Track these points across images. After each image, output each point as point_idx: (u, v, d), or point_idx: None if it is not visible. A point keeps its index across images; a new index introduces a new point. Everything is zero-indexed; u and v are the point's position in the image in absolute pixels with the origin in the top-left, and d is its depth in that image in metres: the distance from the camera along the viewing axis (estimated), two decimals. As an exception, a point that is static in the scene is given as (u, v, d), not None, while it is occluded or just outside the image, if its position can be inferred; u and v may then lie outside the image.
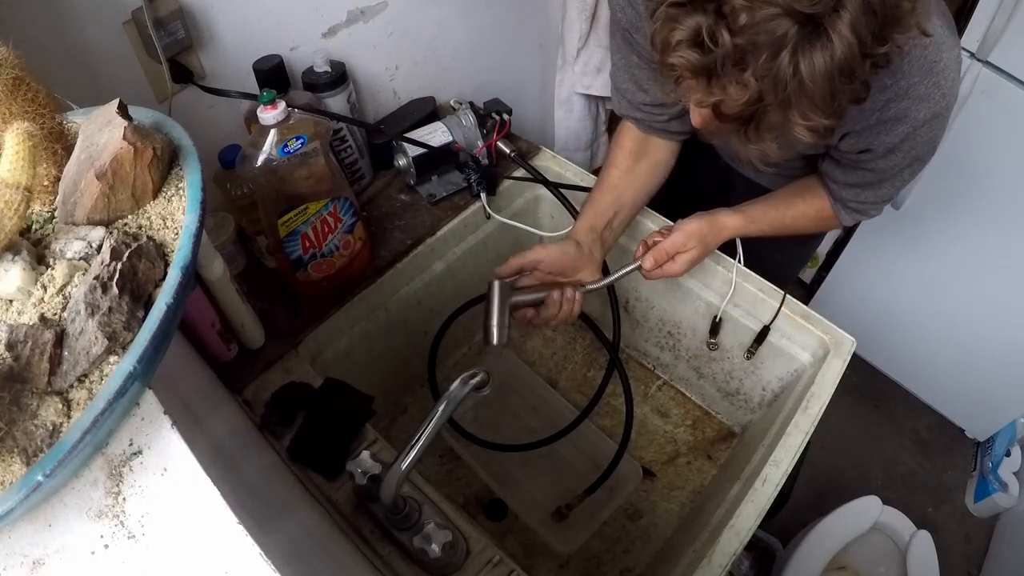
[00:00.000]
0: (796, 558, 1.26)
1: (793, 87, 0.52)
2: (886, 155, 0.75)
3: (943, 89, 0.68)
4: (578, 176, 1.11)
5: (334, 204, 0.87)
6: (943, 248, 1.48)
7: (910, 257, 1.57)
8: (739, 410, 1.12)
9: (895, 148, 0.73)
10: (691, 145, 0.95)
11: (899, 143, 0.72)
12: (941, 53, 0.67)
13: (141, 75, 0.84)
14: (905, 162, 0.76)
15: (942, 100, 0.68)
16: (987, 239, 1.41)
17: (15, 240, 0.47)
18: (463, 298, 1.12)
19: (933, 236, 1.49)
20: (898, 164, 0.76)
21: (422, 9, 1.13)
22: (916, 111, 0.69)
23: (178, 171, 0.54)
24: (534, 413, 1.15)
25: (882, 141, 0.73)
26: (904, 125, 0.70)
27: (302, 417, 0.81)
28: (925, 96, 0.68)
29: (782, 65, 0.51)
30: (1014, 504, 1.55)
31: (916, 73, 0.67)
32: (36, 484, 0.38)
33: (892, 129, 0.71)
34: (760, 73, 0.52)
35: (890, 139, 0.72)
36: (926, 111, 0.69)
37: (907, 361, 1.75)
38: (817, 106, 0.54)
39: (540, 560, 1.01)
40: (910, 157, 0.75)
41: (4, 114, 0.49)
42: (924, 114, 0.69)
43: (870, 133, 0.73)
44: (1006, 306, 1.47)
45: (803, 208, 0.90)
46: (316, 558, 0.53)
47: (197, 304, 0.76)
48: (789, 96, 0.53)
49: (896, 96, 0.68)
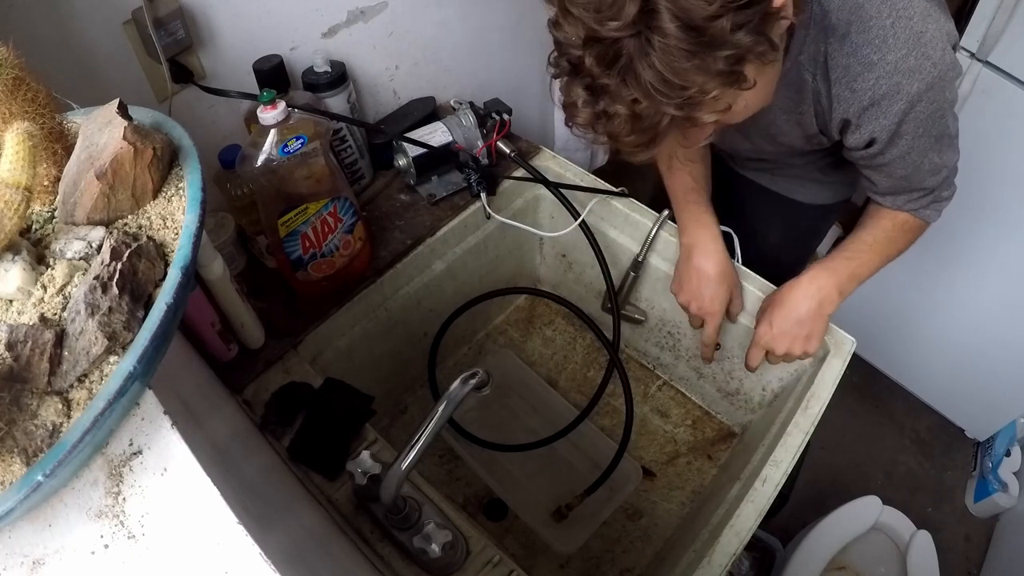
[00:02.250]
0: (796, 558, 1.27)
1: (656, 82, 0.55)
2: (893, 141, 0.74)
3: (932, 59, 0.67)
4: (578, 176, 1.11)
5: (334, 204, 0.87)
6: (943, 248, 1.48)
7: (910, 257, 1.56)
8: (739, 410, 1.12)
9: (898, 131, 0.72)
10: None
11: (899, 124, 0.71)
12: (927, 24, 0.66)
13: (141, 75, 0.84)
14: (920, 145, 0.74)
15: (933, 70, 0.67)
16: (987, 239, 1.41)
17: (15, 240, 0.47)
18: (463, 298, 1.12)
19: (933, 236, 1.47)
20: (914, 148, 0.75)
21: (422, 9, 1.13)
22: (908, 84, 0.68)
23: (178, 171, 0.54)
24: (534, 413, 1.15)
25: (881, 124, 0.72)
26: (899, 102, 0.69)
27: (302, 417, 0.81)
28: (915, 68, 0.67)
29: (638, 74, 0.55)
30: (1014, 504, 1.55)
31: (903, 46, 0.66)
32: (36, 484, 0.38)
33: (888, 108, 0.70)
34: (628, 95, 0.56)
35: (888, 120, 0.71)
36: (919, 83, 0.68)
37: (907, 361, 1.75)
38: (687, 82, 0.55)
39: (540, 560, 1.01)
40: (922, 138, 0.74)
41: (4, 114, 0.49)
42: (917, 87, 0.68)
43: (866, 117, 0.72)
44: (1006, 306, 1.47)
45: (887, 224, 0.87)
46: (316, 558, 0.53)
47: (197, 304, 0.76)
48: (656, 92, 0.56)
49: (885, 72, 0.68)
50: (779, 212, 1.11)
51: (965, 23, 1.23)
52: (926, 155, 0.77)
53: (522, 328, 1.29)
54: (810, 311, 0.85)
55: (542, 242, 1.26)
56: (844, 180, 1.04)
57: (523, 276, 1.29)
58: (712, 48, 0.54)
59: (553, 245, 1.24)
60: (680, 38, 0.52)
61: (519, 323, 1.30)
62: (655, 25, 0.52)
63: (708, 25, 0.53)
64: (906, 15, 0.66)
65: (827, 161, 0.98)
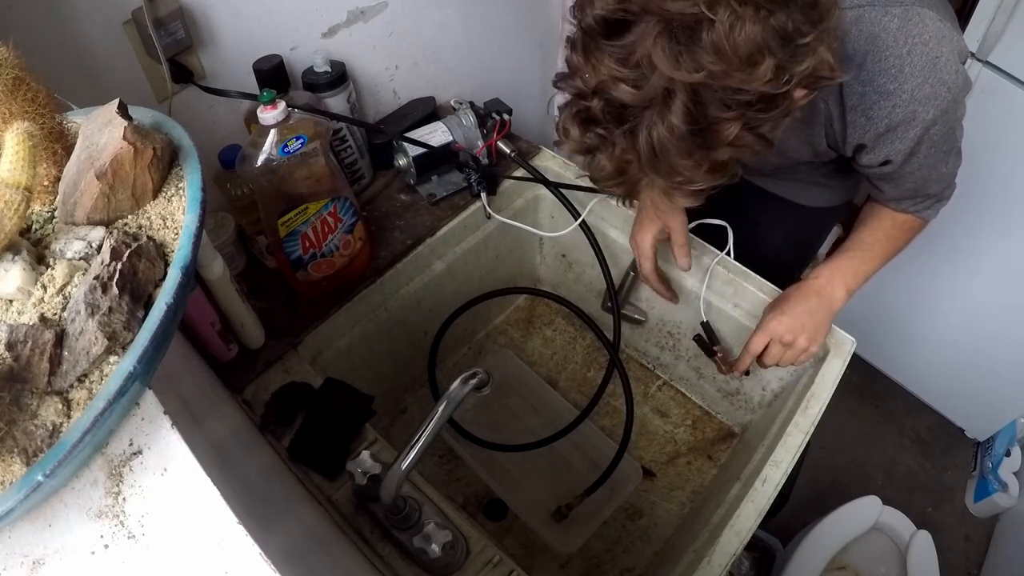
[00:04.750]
0: (796, 558, 1.26)
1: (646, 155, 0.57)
2: (908, 159, 0.74)
3: (947, 84, 0.67)
4: (578, 176, 1.11)
5: (334, 204, 0.87)
6: (943, 247, 1.48)
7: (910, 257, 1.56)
8: (739, 410, 1.12)
9: (913, 151, 0.73)
10: None
11: (915, 146, 0.72)
12: (942, 48, 0.67)
13: (141, 75, 0.84)
14: (931, 160, 0.76)
15: (948, 95, 0.68)
16: (987, 238, 1.41)
17: (15, 240, 0.47)
18: (463, 298, 1.12)
19: (933, 235, 1.47)
20: (925, 164, 0.76)
21: (422, 9, 1.13)
22: (924, 112, 0.68)
23: (178, 171, 0.54)
24: (534, 413, 1.15)
25: (896, 148, 0.72)
26: (914, 128, 0.70)
27: (302, 417, 0.81)
28: (931, 95, 0.68)
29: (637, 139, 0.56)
30: (1014, 504, 1.54)
31: (919, 74, 0.67)
32: (36, 484, 0.38)
33: (904, 134, 0.71)
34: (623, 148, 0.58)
35: (904, 145, 0.72)
36: (934, 110, 0.68)
37: (907, 361, 1.75)
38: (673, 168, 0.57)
39: (540, 560, 1.01)
40: (935, 154, 0.75)
41: (4, 114, 0.49)
42: (933, 113, 0.69)
43: (882, 142, 0.72)
44: (1006, 306, 1.47)
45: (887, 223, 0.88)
46: (316, 558, 0.53)
47: (197, 304, 0.76)
48: (644, 163, 0.57)
49: (902, 101, 0.68)
50: (782, 215, 1.11)
51: (965, 23, 1.23)
52: (935, 168, 0.78)
53: (522, 328, 1.29)
54: (820, 305, 0.86)
55: (542, 242, 1.26)
56: (847, 184, 1.05)
57: (523, 276, 1.29)
58: (711, 149, 0.55)
59: (553, 245, 1.24)
60: (683, 134, 0.53)
61: (519, 323, 1.30)
62: (667, 112, 0.53)
63: (715, 127, 0.54)
64: (921, 41, 0.66)
65: (831, 167, 0.98)
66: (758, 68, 0.52)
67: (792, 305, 0.87)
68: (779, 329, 0.86)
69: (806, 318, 0.86)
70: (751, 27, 0.50)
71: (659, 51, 0.51)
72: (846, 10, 0.67)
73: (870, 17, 0.67)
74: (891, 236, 0.88)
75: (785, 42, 0.53)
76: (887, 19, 0.67)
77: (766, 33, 0.51)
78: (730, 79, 0.52)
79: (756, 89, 0.53)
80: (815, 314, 0.86)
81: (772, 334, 0.87)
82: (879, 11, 0.67)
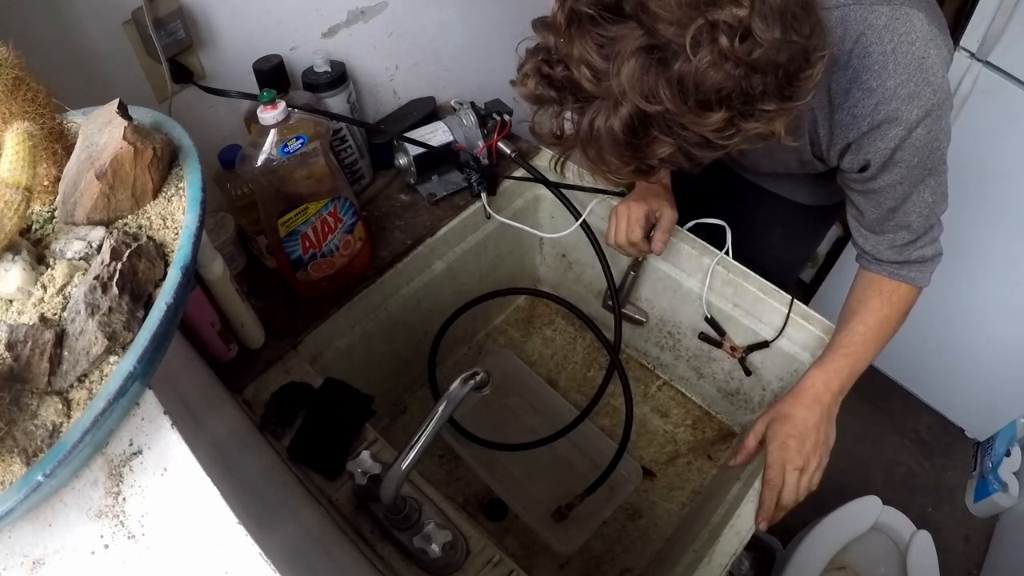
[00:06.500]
0: (796, 558, 1.26)
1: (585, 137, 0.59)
2: (887, 166, 0.73)
3: (933, 86, 0.67)
4: (578, 176, 1.10)
5: (334, 204, 0.87)
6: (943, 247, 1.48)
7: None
8: (739, 410, 1.12)
9: (893, 157, 0.71)
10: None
11: (895, 149, 0.70)
12: (929, 49, 0.66)
13: (141, 75, 0.84)
14: (912, 176, 0.74)
15: (932, 97, 0.67)
16: (987, 239, 1.41)
17: (15, 240, 0.47)
18: (463, 298, 1.12)
19: (933, 236, 1.48)
20: (906, 178, 0.74)
21: (422, 9, 1.13)
22: (907, 111, 0.68)
23: (178, 171, 0.54)
24: (534, 413, 1.15)
25: (877, 148, 0.71)
26: (897, 127, 0.69)
27: (302, 417, 0.81)
28: (915, 94, 0.67)
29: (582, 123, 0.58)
30: (1014, 504, 1.55)
31: (903, 72, 0.66)
32: (36, 484, 0.38)
33: (886, 133, 0.70)
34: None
35: (885, 144, 0.70)
36: (918, 110, 0.67)
37: (907, 361, 1.75)
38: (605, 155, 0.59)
39: (540, 560, 1.01)
40: (916, 168, 0.73)
41: (4, 114, 0.49)
42: (916, 113, 0.68)
43: (865, 140, 0.72)
44: (1006, 306, 1.47)
45: (876, 304, 0.85)
46: (316, 558, 0.53)
47: (197, 304, 0.76)
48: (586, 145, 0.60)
49: (885, 98, 0.68)
50: (780, 213, 1.11)
51: (965, 23, 1.23)
52: (916, 187, 0.76)
53: (522, 328, 1.29)
54: (819, 420, 0.83)
55: (542, 242, 1.26)
56: None
57: (523, 276, 1.29)
58: (640, 157, 0.58)
59: (553, 245, 1.24)
60: (619, 138, 0.56)
61: (519, 323, 1.30)
62: (612, 114, 0.55)
63: (651, 144, 0.56)
64: (908, 40, 0.66)
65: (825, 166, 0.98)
66: (711, 116, 0.53)
67: (790, 431, 0.82)
68: (787, 458, 0.81)
69: (814, 434, 0.82)
70: (720, 77, 0.51)
71: (629, 66, 0.52)
72: (831, 9, 0.67)
73: (856, 15, 0.67)
74: (882, 321, 0.84)
75: (747, 103, 0.54)
76: (873, 16, 0.66)
77: (733, 88, 0.52)
78: (681, 117, 0.53)
79: (701, 132, 0.55)
80: (820, 429, 0.83)
81: (784, 462, 0.82)
82: (865, 9, 0.66)
